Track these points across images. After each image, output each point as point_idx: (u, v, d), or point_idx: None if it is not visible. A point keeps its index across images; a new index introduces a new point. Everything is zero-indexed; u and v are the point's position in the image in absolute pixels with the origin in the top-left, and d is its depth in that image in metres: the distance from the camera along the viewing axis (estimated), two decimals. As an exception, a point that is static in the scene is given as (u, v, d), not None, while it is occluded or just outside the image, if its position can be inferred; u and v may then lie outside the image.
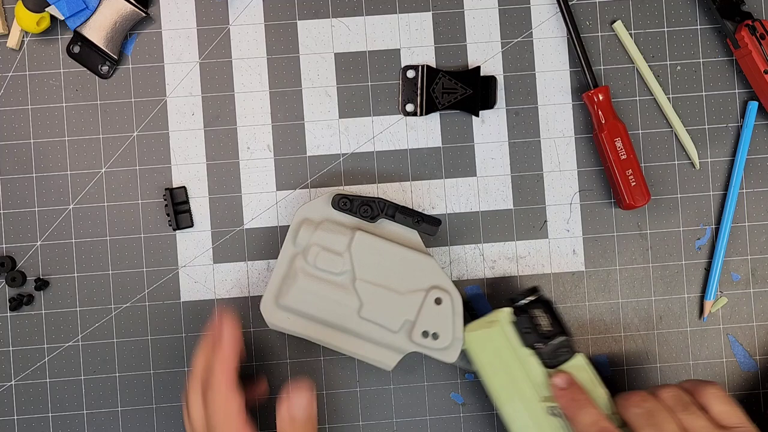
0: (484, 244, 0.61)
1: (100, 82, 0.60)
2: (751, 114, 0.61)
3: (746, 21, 0.59)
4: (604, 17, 0.61)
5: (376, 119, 0.61)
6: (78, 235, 0.60)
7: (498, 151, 0.61)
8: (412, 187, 0.61)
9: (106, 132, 0.60)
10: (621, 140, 0.58)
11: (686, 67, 0.62)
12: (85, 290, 0.60)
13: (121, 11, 0.59)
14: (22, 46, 0.60)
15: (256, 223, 0.60)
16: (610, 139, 0.58)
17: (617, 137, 0.58)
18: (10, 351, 0.59)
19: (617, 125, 0.58)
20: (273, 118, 0.61)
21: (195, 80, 0.60)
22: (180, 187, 0.60)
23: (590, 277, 0.61)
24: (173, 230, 0.59)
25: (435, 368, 0.60)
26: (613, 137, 0.58)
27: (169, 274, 0.60)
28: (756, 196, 0.62)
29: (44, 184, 0.60)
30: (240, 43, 0.61)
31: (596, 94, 0.58)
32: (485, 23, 0.61)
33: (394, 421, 0.60)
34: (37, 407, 0.59)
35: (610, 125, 0.58)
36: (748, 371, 0.61)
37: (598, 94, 0.58)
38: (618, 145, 0.58)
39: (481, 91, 0.60)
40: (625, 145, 0.58)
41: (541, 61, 0.61)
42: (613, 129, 0.58)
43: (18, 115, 0.60)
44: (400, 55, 0.61)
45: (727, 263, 0.61)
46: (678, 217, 0.61)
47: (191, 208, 0.60)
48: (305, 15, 0.61)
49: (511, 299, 0.55)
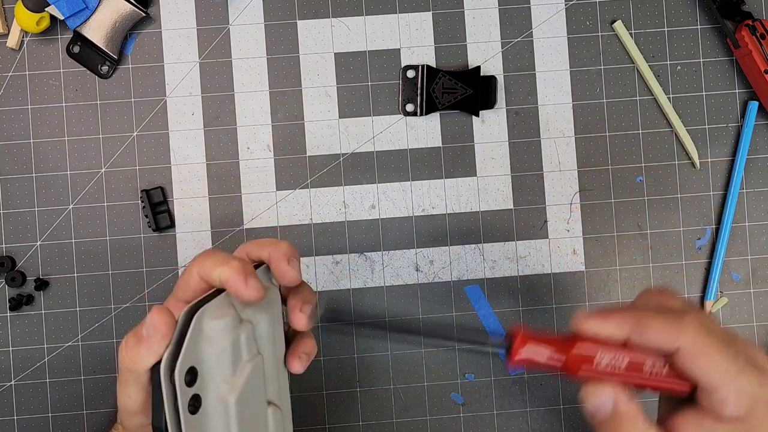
0: (484, 244, 0.61)
1: (100, 82, 0.60)
2: (751, 114, 0.61)
3: (746, 21, 0.59)
4: (604, 17, 0.61)
5: (376, 119, 0.61)
6: (78, 235, 0.60)
7: (498, 151, 0.61)
8: (412, 187, 0.61)
9: (105, 132, 0.60)
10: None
11: (686, 67, 0.62)
12: (85, 290, 0.60)
13: (121, 11, 0.59)
14: (21, 46, 0.60)
15: (256, 223, 0.60)
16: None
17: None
18: (10, 351, 0.59)
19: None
20: (273, 118, 0.61)
21: (195, 80, 0.60)
22: (156, 187, 0.60)
23: (590, 277, 0.61)
24: (153, 231, 0.59)
25: (435, 368, 0.60)
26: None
27: (169, 274, 0.60)
28: (756, 196, 0.62)
29: (44, 184, 0.60)
30: (240, 42, 0.61)
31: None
32: (485, 23, 0.61)
33: (394, 421, 0.60)
34: (37, 407, 0.59)
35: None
36: (748, 371, 0.61)
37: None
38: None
39: (481, 91, 0.60)
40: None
41: (541, 61, 0.61)
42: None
43: (18, 115, 0.60)
44: (400, 55, 0.61)
45: (728, 263, 0.61)
46: (678, 217, 0.61)
47: (170, 208, 0.60)
48: (305, 15, 0.61)
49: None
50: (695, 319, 0.37)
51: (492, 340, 0.40)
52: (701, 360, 0.36)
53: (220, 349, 0.39)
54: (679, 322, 0.37)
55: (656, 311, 0.38)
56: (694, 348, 0.36)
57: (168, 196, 0.60)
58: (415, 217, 0.61)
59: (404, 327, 0.42)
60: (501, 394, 0.60)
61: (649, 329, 0.37)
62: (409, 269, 0.61)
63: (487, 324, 0.61)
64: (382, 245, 0.60)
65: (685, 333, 0.36)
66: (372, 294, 0.60)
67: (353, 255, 0.60)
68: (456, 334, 0.40)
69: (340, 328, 0.61)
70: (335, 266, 0.60)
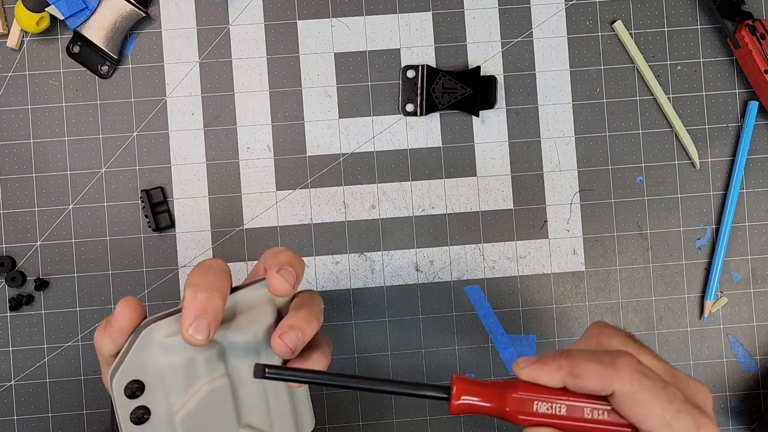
0: (484, 244, 0.61)
1: (100, 82, 0.60)
2: (751, 114, 0.61)
3: (746, 21, 0.59)
4: (604, 17, 0.61)
5: (376, 119, 0.61)
6: (78, 235, 0.60)
7: (498, 151, 0.61)
8: (412, 187, 0.61)
9: (105, 132, 0.60)
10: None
11: (686, 67, 0.62)
12: (85, 290, 0.60)
13: (121, 11, 0.59)
14: (21, 46, 0.60)
15: (256, 223, 0.60)
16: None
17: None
18: (10, 351, 0.59)
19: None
20: (273, 118, 0.61)
21: (195, 80, 0.60)
22: (156, 187, 0.60)
23: (590, 277, 0.61)
24: (153, 231, 0.59)
25: (435, 368, 0.60)
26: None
27: (169, 274, 0.60)
28: (756, 196, 0.62)
29: (44, 184, 0.60)
30: (240, 42, 0.61)
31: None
32: (485, 23, 0.61)
33: (394, 421, 0.60)
34: (37, 407, 0.59)
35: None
36: (748, 371, 0.61)
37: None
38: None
39: (481, 91, 0.60)
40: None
41: (541, 61, 0.61)
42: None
43: (18, 115, 0.60)
44: (400, 55, 0.61)
45: (728, 263, 0.61)
46: (678, 217, 0.61)
47: (170, 208, 0.60)
48: (305, 15, 0.61)
49: None
50: (628, 363, 0.36)
51: (432, 387, 0.39)
52: (636, 405, 0.36)
53: (171, 366, 0.39)
54: (611, 367, 0.36)
55: (590, 356, 0.37)
56: (628, 394, 0.36)
57: (168, 196, 0.60)
58: (415, 217, 0.61)
59: (347, 375, 0.39)
60: (501, 394, 0.60)
61: (582, 376, 0.37)
62: (409, 269, 0.61)
63: (487, 324, 0.61)
64: (382, 245, 0.60)
65: (618, 378, 0.36)
66: (372, 294, 0.60)
67: (353, 255, 0.60)
68: (397, 382, 0.39)
69: (339, 327, 0.61)
70: (335, 266, 0.60)
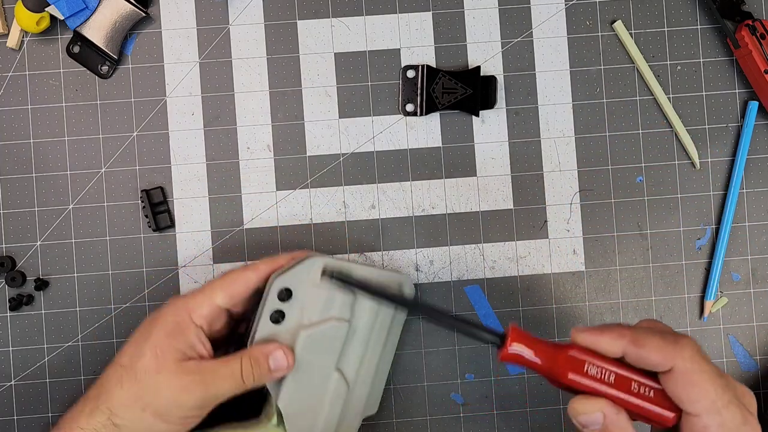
0: (484, 244, 0.61)
1: (100, 82, 0.60)
2: (751, 114, 0.61)
3: (746, 21, 0.59)
4: (604, 17, 0.61)
5: (376, 119, 0.61)
6: (78, 235, 0.60)
7: (498, 151, 0.61)
8: (412, 187, 0.61)
9: (105, 132, 0.60)
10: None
11: (686, 67, 0.62)
12: (84, 290, 0.60)
13: (121, 11, 0.59)
14: (21, 46, 0.60)
15: (256, 223, 0.60)
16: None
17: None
18: (10, 351, 0.59)
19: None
20: (273, 118, 0.61)
21: (195, 80, 0.60)
22: (156, 187, 0.60)
23: (590, 277, 0.61)
24: (153, 231, 0.59)
25: (435, 368, 0.60)
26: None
27: (169, 274, 0.60)
28: (756, 196, 0.62)
29: (44, 184, 0.60)
30: (240, 42, 0.61)
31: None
32: (485, 23, 0.61)
33: (394, 421, 0.60)
34: (37, 407, 0.59)
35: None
36: (748, 371, 0.61)
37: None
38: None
39: (481, 91, 0.60)
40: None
41: (541, 61, 0.61)
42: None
43: (18, 115, 0.60)
44: (400, 55, 0.61)
45: (728, 263, 0.61)
46: (678, 217, 0.61)
47: (170, 208, 0.60)
48: (305, 15, 0.61)
49: None
50: (691, 344, 0.37)
51: (488, 331, 0.41)
52: (693, 384, 0.36)
53: (317, 292, 0.49)
54: (674, 344, 0.37)
55: (654, 331, 0.38)
56: (688, 371, 0.36)
57: (168, 196, 0.60)
58: (414, 217, 0.61)
59: (413, 302, 0.51)
60: (501, 394, 0.60)
61: (646, 346, 0.37)
62: (409, 269, 0.61)
63: (487, 324, 0.60)
64: (382, 245, 0.60)
65: (681, 354, 0.36)
66: (372, 294, 0.60)
67: (353, 255, 0.60)
68: (455, 319, 0.43)
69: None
70: (335, 266, 0.60)
